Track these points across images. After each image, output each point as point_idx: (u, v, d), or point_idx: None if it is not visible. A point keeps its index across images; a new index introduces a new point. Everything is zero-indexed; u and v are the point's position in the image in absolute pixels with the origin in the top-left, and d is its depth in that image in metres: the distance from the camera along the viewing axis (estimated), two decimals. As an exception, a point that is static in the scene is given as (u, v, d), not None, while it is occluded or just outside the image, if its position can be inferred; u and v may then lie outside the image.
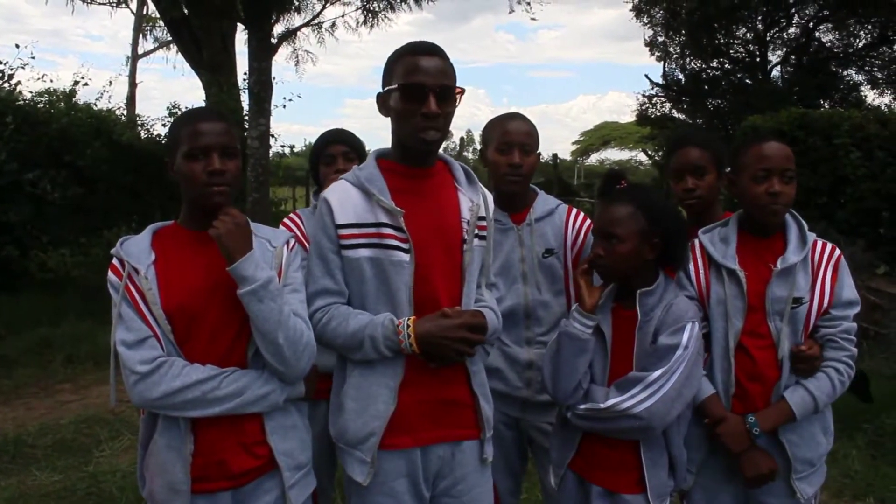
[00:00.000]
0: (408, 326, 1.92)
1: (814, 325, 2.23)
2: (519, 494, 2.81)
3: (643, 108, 22.08)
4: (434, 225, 2.03)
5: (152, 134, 12.12)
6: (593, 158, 54.44)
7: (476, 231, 2.09)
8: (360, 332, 1.92)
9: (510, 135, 2.46)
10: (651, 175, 30.96)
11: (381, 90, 2.06)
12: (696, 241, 2.32)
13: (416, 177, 2.05)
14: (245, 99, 11.20)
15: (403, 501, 2.01)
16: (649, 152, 29.80)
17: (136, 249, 1.90)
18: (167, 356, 1.83)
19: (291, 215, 2.73)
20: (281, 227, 2.62)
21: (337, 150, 2.72)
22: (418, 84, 1.92)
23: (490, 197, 2.22)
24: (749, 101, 17.07)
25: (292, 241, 2.05)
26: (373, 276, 1.97)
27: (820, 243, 2.28)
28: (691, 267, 2.29)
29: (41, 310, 7.89)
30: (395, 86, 1.96)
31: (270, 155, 11.15)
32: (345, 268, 1.98)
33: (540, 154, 2.59)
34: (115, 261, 1.90)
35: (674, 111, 22.04)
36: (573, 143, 54.33)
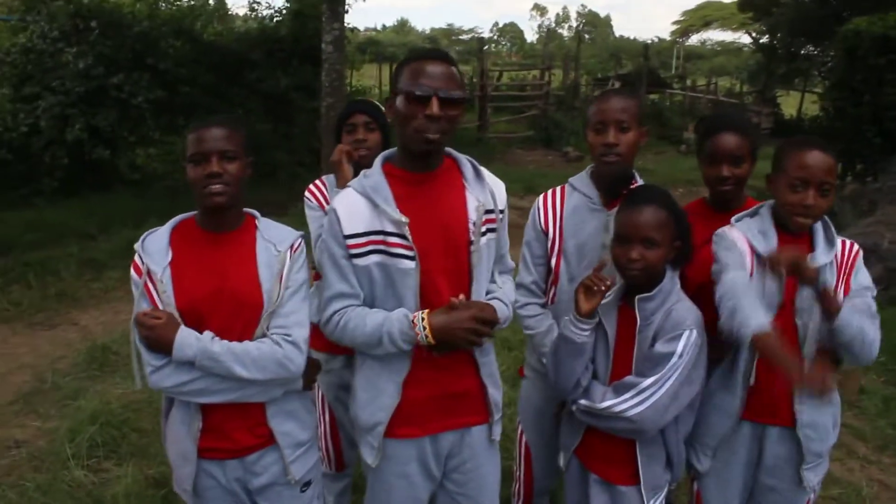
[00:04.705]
0: (422, 319, 2.00)
1: None
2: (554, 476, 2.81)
3: (748, -10, 20.66)
4: (440, 229, 2.06)
5: (234, 29, 12.23)
6: (694, 39, 51.69)
7: (484, 228, 2.12)
8: (378, 329, 2.02)
9: (604, 113, 2.36)
10: (756, 59, 29.11)
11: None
12: (737, 232, 2.28)
13: (420, 182, 2.07)
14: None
15: (415, 482, 2.18)
16: (753, 34, 27.98)
17: (156, 248, 2.04)
18: None
19: (317, 182, 2.81)
20: (306, 193, 2.77)
21: (359, 119, 2.76)
22: (422, 87, 1.94)
23: (501, 187, 2.22)
24: (864, -13, 15.67)
25: (297, 243, 2.15)
26: (382, 280, 2.05)
27: (847, 243, 2.26)
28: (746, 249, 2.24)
29: (129, 210, 8.36)
30: (401, 90, 1.98)
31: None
32: (356, 273, 2.06)
33: (644, 132, 2.43)
34: (136, 257, 2.05)
35: (782, -7, 20.57)
36: (672, 23, 51.51)
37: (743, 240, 2.25)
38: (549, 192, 2.59)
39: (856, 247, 2.27)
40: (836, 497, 3.65)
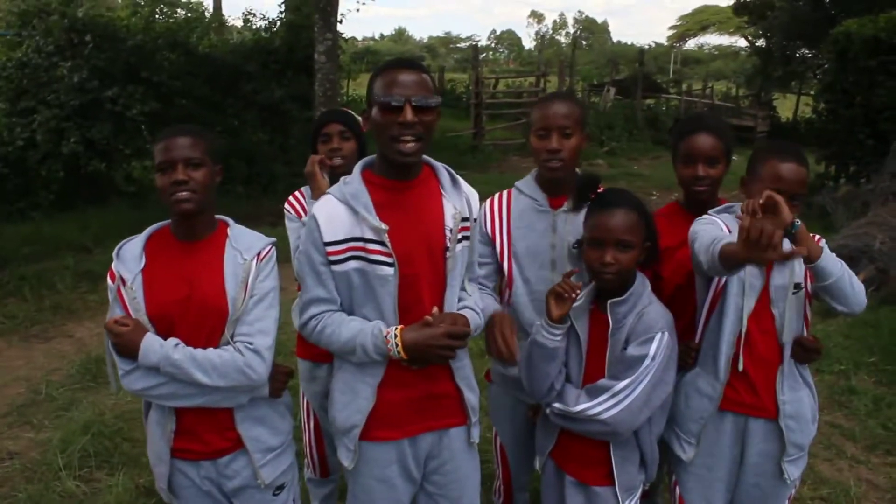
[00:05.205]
0: (395, 336, 2.03)
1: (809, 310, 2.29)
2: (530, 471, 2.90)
3: (743, -6, 20.85)
4: (418, 236, 2.09)
5: (228, 41, 12.29)
6: (691, 43, 51.93)
7: (460, 235, 2.15)
8: (352, 340, 2.05)
9: (546, 119, 2.39)
10: (752, 63, 29.23)
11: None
12: (716, 217, 2.31)
13: (399, 189, 2.10)
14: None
15: (395, 485, 2.20)
16: (749, 38, 28.14)
17: (130, 255, 2.11)
18: None
19: (297, 193, 2.84)
20: (286, 205, 2.81)
21: (333, 129, 2.79)
22: (395, 96, 1.97)
23: (475, 196, 2.25)
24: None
25: (265, 251, 2.18)
26: (360, 286, 2.08)
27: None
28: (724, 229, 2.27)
29: (125, 223, 8.37)
30: (375, 101, 2.02)
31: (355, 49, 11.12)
32: (335, 278, 2.09)
33: (586, 136, 2.47)
34: (113, 264, 2.11)
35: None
36: (670, 28, 51.73)
37: (721, 224, 2.27)
38: (496, 196, 2.63)
39: (817, 236, 2.29)
40: (825, 497, 3.66)
